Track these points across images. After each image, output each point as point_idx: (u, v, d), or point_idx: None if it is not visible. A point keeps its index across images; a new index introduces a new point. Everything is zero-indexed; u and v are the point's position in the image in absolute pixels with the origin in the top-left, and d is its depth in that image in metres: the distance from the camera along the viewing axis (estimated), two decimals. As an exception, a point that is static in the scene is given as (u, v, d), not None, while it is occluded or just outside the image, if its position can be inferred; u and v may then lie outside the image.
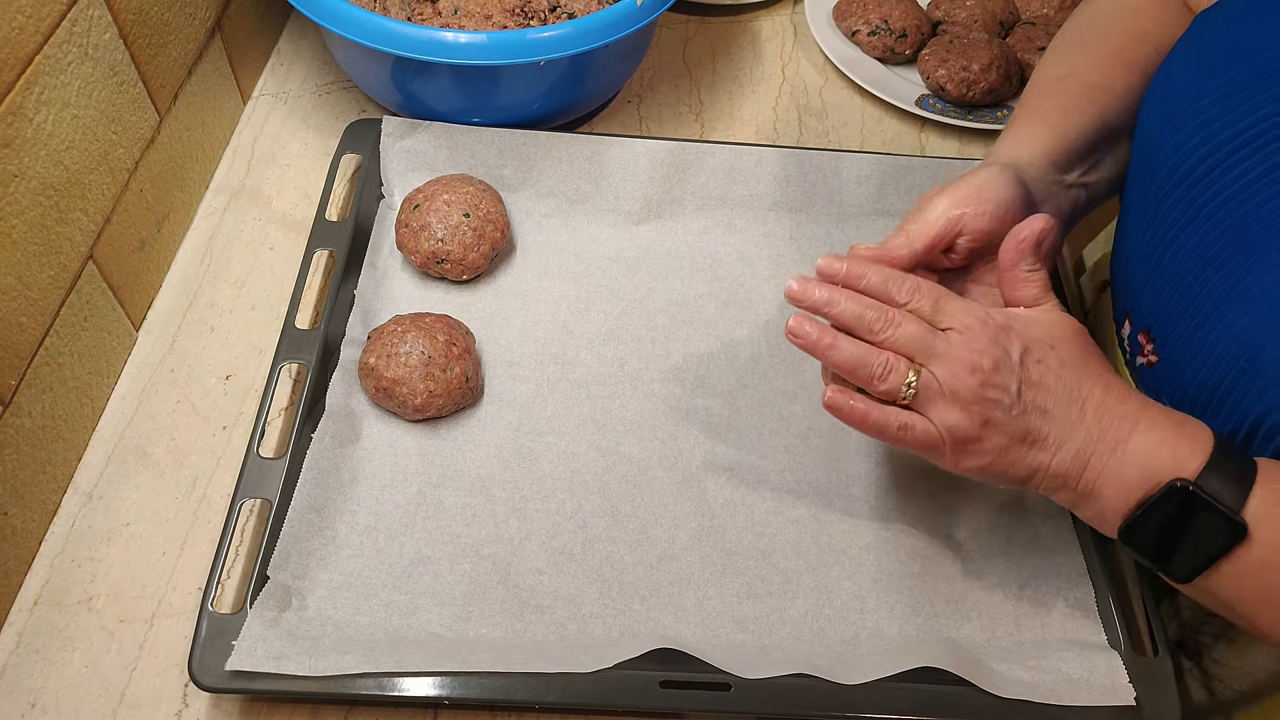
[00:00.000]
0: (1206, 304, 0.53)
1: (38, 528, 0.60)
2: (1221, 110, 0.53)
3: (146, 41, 0.67)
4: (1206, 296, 0.53)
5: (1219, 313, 0.53)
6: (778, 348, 0.71)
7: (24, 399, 0.57)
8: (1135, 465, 0.49)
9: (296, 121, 0.83)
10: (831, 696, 0.54)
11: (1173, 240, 0.56)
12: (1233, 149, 0.53)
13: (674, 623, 0.58)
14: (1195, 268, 0.55)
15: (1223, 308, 0.52)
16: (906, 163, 0.77)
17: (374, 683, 0.53)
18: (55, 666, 0.56)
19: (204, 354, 0.69)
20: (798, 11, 0.96)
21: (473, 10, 0.79)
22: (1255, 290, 0.50)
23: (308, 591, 0.57)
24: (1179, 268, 0.56)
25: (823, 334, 0.52)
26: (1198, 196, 0.54)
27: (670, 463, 0.65)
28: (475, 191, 0.72)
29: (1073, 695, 0.54)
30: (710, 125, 0.86)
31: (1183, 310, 0.56)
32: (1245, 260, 0.51)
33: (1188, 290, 0.55)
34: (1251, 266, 0.51)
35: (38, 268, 0.57)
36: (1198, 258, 0.54)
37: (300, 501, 0.59)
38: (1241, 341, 0.51)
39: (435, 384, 0.63)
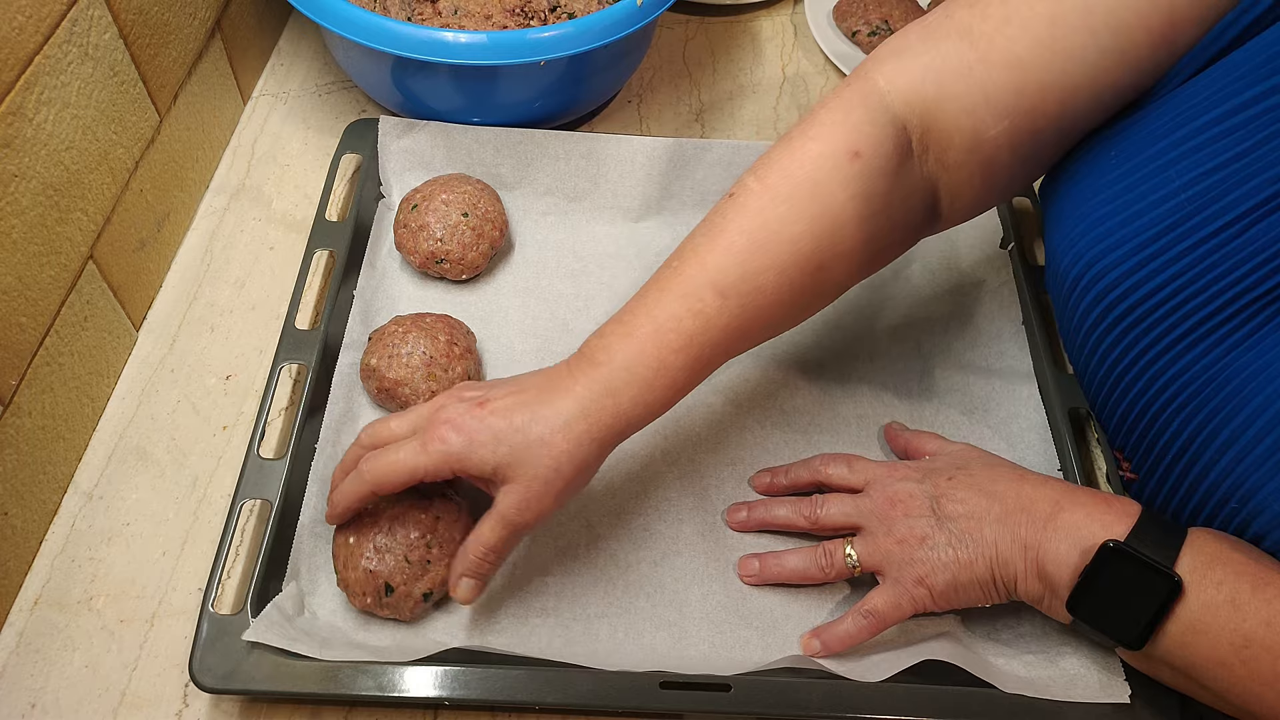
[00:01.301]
0: (1179, 444, 0.54)
1: (38, 528, 0.60)
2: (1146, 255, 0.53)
3: (146, 41, 0.67)
4: (1177, 438, 0.54)
5: (1197, 453, 0.53)
6: (777, 343, 0.71)
7: (24, 399, 0.57)
8: (1068, 539, 0.51)
9: (296, 121, 0.83)
10: (832, 696, 0.53)
11: (1125, 382, 0.57)
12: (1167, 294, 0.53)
13: (679, 619, 0.58)
14: (1155, 409, 0.55)
15: (1200, 450, 0.53)
16: None
17: (374, 683, 0.53)
18: (55, 666, 0.56)
19: (204, 354, 0.69)
20: (798, 11, 0.96)
21: (473, 10, 0.79)
22: (1235, 433, 0.50)
23: (318, 606, 0.57)
24: (1137, 406, 0.57)
25: (765, 567, 0.59)
26: (1139, 342, 0.55)
27: (672, 459, 0.65)
28: (473, 191, 0.72)
29: (1069, 691, 0.54)
30: (710, 125, 0.86)
31: (1154, 446, 0.56)
32: (1213, 403, 0.52)
33: (1154, 428, 0.56)
34: (1226, 409, 0.51)
35: (38, 268, 0.57)
36: (1157, 403, 0.55)
37: (307, 516, 0.59)
38: (1229, 484, 0.51)
39: (437, 384, 0.63)
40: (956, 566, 0.54)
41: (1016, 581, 0.53)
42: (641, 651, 0.57)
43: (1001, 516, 0.53)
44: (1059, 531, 0.52)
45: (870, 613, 0.55)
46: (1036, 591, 0.53)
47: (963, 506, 0.55)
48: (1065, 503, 0.53)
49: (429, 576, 0.55)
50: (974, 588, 0.54)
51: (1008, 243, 0.76)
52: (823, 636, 0.56)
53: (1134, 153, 0.54)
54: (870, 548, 0.56)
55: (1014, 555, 0.53)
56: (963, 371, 0.70)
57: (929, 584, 0.54)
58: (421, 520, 0.56)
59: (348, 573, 0.55)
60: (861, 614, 0.55)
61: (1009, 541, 0.53)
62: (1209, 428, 0.52)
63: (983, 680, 0.54)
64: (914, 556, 0.54)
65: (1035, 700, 0.53)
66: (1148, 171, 0.53)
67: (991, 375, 0.69)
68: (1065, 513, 0.52)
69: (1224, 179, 0.50)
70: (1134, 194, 0.54)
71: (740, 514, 0.62)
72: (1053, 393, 0.67)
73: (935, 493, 0.56)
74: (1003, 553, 0.53)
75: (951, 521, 0.54)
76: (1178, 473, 0.55)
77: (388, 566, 0.55)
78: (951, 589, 0.54)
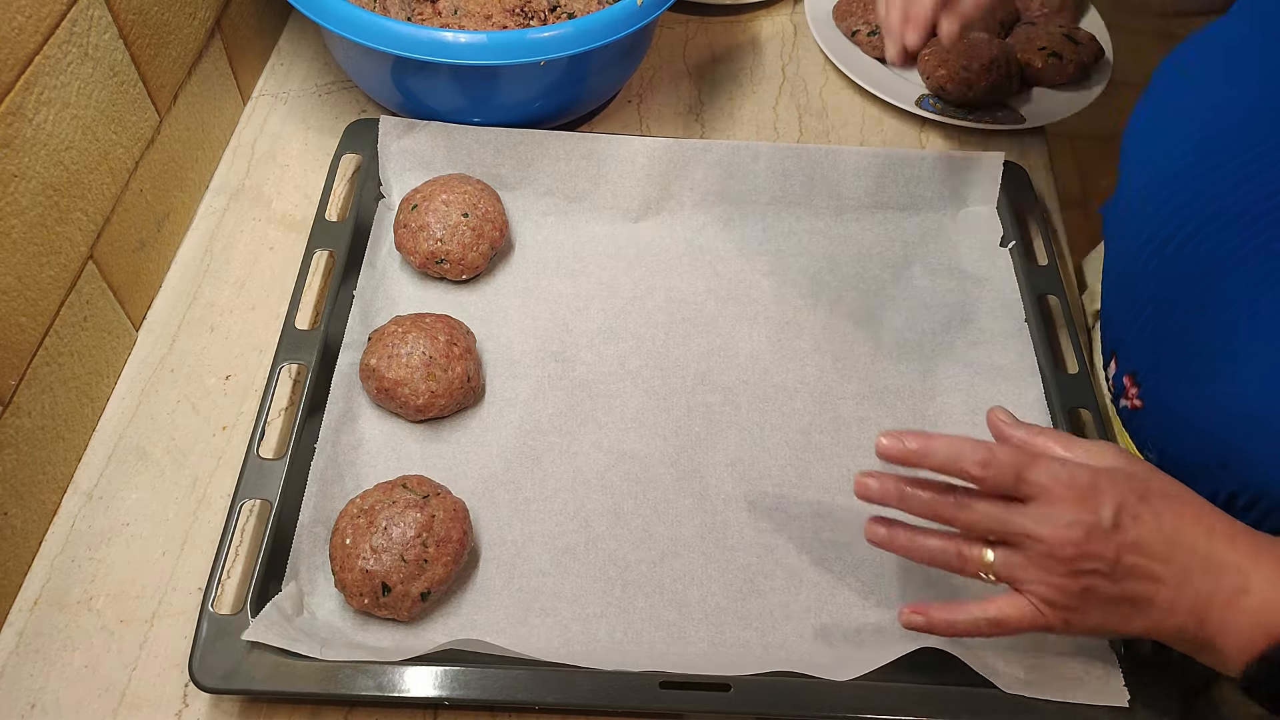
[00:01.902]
0: (1199, 365, 0.53)
1: (38, 528, 0.60)
2: (1197, 176, 0.53)
3: (146, 41, 0.67)
4: (1199, 357, 0.53)
5: (1214, 376, 0.52)
6: (778, 343, 0.71)
7: (24, 399, 0.57)
8: (1254, 624, 0.47)
9: (296, 121, 0.83)
10: (831, 697, 0.53)
11: (1160, 304, 0.56)
12: (1210, 216, 0.52)
13: (678, 620, 0.58)
14: (1186, 331, 0.54)
15: (1219, 373, 0.51)
16: (904, 155, 0.77)
17: (373, 682, 0.53)
18: (55, 666, 0.56)
19: (204, 354, 0.69)
20: (798, 11, 0.96)
21: (473, 10, 0.79)
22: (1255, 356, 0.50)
23: (317, 606, 0.57)
24: (1169, 328, 0.55)
25: (894, 538, 0.52)
26: (1182, 264, 0.54)
27: (672, 460, 0.65)
28: (473, 191, 0.72)
29: (1069, 694, 0.54)
30: (710, 125, 0.86)
31: (1174, 366, 0.55)
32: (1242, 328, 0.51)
33: (1179, 349, 0.54)
34: (1252, 334, 0.50)
35: (38, 268, 0.57)
36: (1187, 323, 0.54)
37: (306, 515, 0.59)
38: (1234, 407, 0.50)
39: (437, 384, 0.63)
40: (1112, 619, 0.49)
41: (1174, 641, 0.50)
42: (641, 651, 0.57)
43: (1182, 579, 0.48)
44: (1244, 614, 0.47)
45: (997, 622, 0.50)
46: (1193, 651, 0.50)
47: (1144, 562, 0.48)
48: (1254, 574, 0.47)
49: (426, 576, 0.55)
50: (1117, 632, 0.51)
51: (1008, 241, 0.76)
52: (931, 617, 0.52)
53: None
54: (1017, 571, 0.50)
55: (1185, 623, 0.48)
56: (966, 370, 0.70)
57: (1073, 623, 0.50)
58: (418, 520, 0.56)
59: (345, 573, 0.55)
60: (986, 620, 0.51)
61: (1185, 611, 0.48)
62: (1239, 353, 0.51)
63: (982, 680, 0.54)
64: (1069, 602, 0.49)
65: (1035, 701, 0.53)
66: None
67: (995, 374, 0.69)
68: (1253, 592, 0.47)
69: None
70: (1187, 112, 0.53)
71: (869, 485, 0.52)
72: (1053, 393, 0.67)
73: (1118, 540, 0.48)
74: (1174, 620, 0.48)
75: (1127, 579, 0.48)
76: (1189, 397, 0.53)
77: (384, 566, 0.55)
78: (1092, 631, 0.50)
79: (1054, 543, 0.48)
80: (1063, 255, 0.78)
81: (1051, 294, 0.72)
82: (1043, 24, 0.91)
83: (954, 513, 0.50)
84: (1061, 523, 0.48)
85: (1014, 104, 0.87)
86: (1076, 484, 0.48)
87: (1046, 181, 0.82)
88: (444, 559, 0.56)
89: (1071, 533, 0.48)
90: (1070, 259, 0.79)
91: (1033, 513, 0.49)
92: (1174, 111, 0.56)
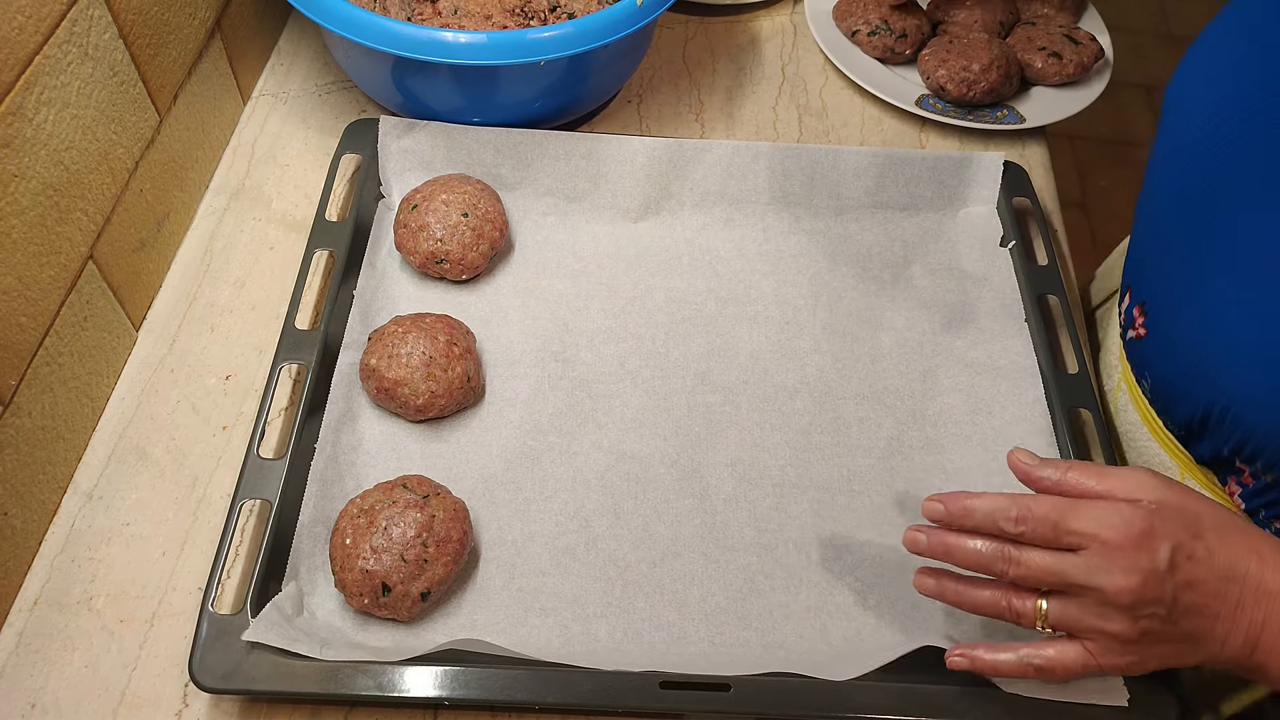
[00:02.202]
0: (1198, 276, 0.53)
1: (38, 528, 0.60)
2: (1234, 83, 0.53)
3: (146, 41, 0.67)
4: (1199, 267, 0.53)
5: (1207, 283, 0.53)
6: (778, 344, 0.71)
7: (24, 399, 0.57)
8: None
9: (296, 121, 0.83)
10: (831, 696, 0.53)
11: (1178, 208, 0.57)
12: (1240, 121, 0.53)
13: (678, 620, 0.58)
14: (1194, 237, 0.55)
15: (1214, 283, 0.52)
16: (904, 155, 0.77)
17: (373, 682, 0.53)
18: (55, 666, 0.56)
19: (204, 354, 0.69)
20: (798, 11, 0.96)
21: (473, 10, 0.79)
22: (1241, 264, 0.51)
23: (317, 607, 0.57)
24: (1178, 239, 0.56)
25: (944, 590, 0.52)
26: (1204, 163, 0.54)
27: (671, 460, 0.65)
28: (473, 191, 0.72)
29: (1066, 693, 0.54)
30: (710, 125, 0.86)
31: (1175, 281, 0.56)
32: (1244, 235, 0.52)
33: (1182, 262, 0.55)
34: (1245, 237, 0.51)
35: (38, 268, 0.57)
36: (1198, 228, 0.55)
37: (306, 515, 0.59)
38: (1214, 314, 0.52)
39: (437, 384, 0.63)
40: (1170, 658, 0.49)
41: (1227, 666, 0.49)
42: (641, 651, 0.57)
43: (1236, 610, 0.48)
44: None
45: (1045, 669, 0.50)
46: (1242, 673, 0.50)
47: (1201, 601, 0.47)
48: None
49: (426, 575, 0.55)
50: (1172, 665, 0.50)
51: (1008, 241, 0.76)
52: (974, 659, 0.52)
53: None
54: (1074, 621, 0.49)
55: (1238, 652, 0.48)
56: (966, 370, 0.70)
57: (1130, 667, 0.50)
58: (418, 519, 0.56)
59: (345, 574, 0.55)
60: (1034, 665, 0.50)
61: (1239, 641, 0.48)
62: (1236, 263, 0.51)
63: (982, 680, 0.54)
64: (1127, 648, 0.49)
65: (1034, 700, 0.53)
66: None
67: (995, 374, 0.69)
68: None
69: None
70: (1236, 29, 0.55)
71: (919, 540, 0.52)
72: (1053, 393, 0.67)
73: (1175, 581, 0.47)
74: (1228, 651, 0.48)
75: (1184, 619, 0.48)
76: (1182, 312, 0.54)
77: (384, 566, 0.55)
78: (1151, 669, 0.50)
79: (1111, 592, 0.47)
80: (1063, 255, 0.78)
81: (1051, 294, 0.72)
82: (1043, 24, 0.91)
83: (1004, 568, 0.50)
84: (1118, 571, 0.47)
85: (1014, 104, 0.87)
86: (1131, 530, 0.47)
87: (1046, 181, 0.82)
88: (444, 559, 0.56)
89: (1129, 580, 0.47)
90: (1070, 259, 0.79)
91: (1086, 563, 0.48)
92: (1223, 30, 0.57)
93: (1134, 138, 2.01)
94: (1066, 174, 1.99)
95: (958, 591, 0.52)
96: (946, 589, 0.52)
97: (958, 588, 0.52)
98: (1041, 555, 0.49)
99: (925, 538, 0.52)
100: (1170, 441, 0.61)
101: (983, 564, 0.50)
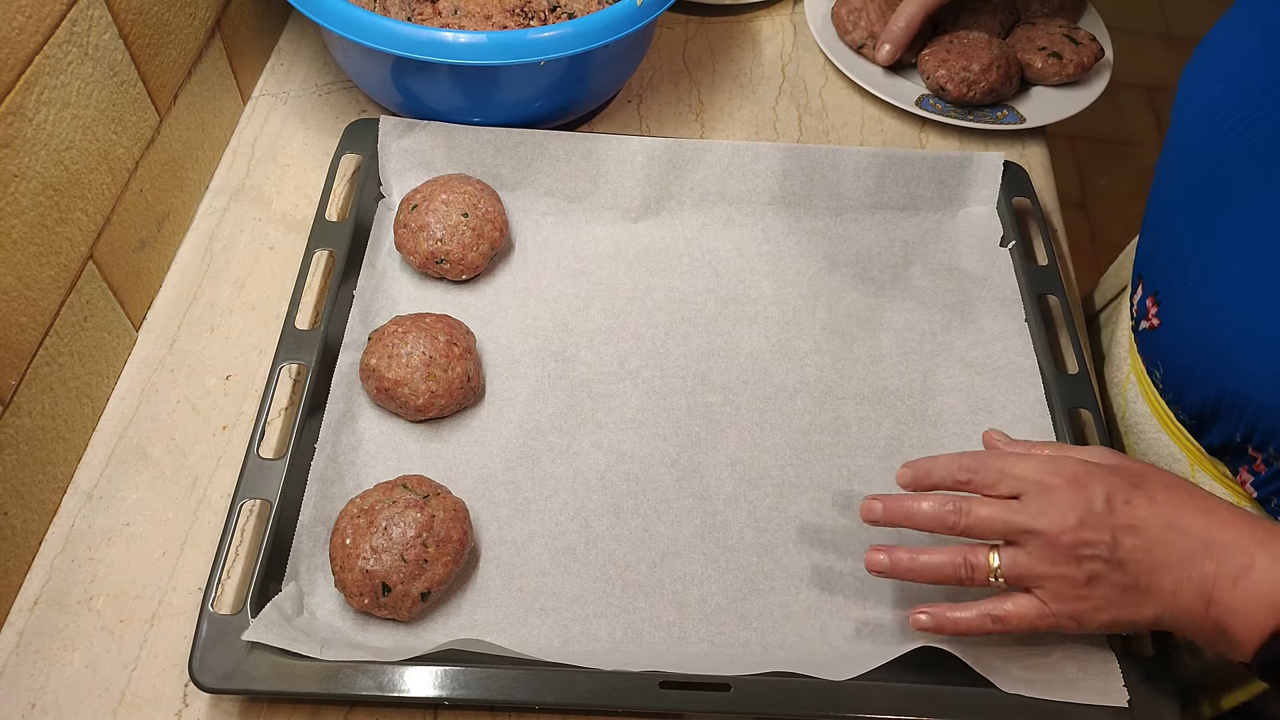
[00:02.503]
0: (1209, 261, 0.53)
1: (38, 528, 0.60)
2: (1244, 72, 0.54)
3: (146, 41, 0.67)
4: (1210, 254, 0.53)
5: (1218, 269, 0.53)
6: (778, 343, 0.71)
7: (24, 399, 0.57)
8: (1261, 602, 0.47)
9: (296, 121, 0.83)
10: (831, 696, 0.53)
11: (1188, 199, 0.57)
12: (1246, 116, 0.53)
13: (678, 619, 0.58)
14: (1204, 226, 0.55)
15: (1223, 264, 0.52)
16: (904, 155, 0.77)
17: (373, 682, 0.53)
18: (55, 666, 0.56)
19: (204, 354, 0.69)
20: (798, 11, 0.96)
21: (473, 10, 0.79)
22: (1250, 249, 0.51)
23: (317, 607, 0.57)
24: (1190, 226, 0.56)
25: (896, 563, 0.54)
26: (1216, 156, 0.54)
27: (671, 460, 0.65)
28: (473, 191, 0.72)
29: (1067, 693, 0.54)
30: (710, 125, 0.86)
31: (1188, 269, 0.56)
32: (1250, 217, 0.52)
33: (1195, 249, 0.55)
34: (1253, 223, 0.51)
35: (38, 268, 0.57)
36: (1208, 217, 0.55)
37: (306, 516, 0.59)
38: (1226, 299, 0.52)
39: (437, 384, 0.63)
40: (1123, 610, 0.50)
41: (1187, 629, 0.50)
42: (641, 651, 0.57)
43: (1184, 560, 0.48)
44: (1250, 592, 0.47)
45: (1002, 619, 0.52)
46: (1207, 639, 0.50)
47: (1142, 543, 0.49)
48: (1258, 553, 0.48)
49: (426, 575, 0.55)
50: (1129, 625, 0.51)
51: (1008, 241, 0.76)
52: (938, 616, 0.53)
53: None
54: (1023, 569, 0.51)
55: (1193, 608, 0.48)
56: (966, 370, 0.70)
57: (1083, 619, 0.50)
58: (418, 519, 0.56)
59: (345, 574, 0.55)
60: (991, 616, 0.52)
61: (1191, 594, 0.48)
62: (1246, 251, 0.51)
63: (982, 680, 0.54)
64: (1077, 594, 0.50)
65: (1035, 700, 0.53)
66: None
67: (995, 374, 0.69)
68: (1258, 569, 0.47)
69: None
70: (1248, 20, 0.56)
71: (875, 507, 0.55)
72: (1053, 393, 0.67)
73: (1115, 522, 0.49)
74: (1181, 603, 0.49)
75: (1130, 564, 0.49)
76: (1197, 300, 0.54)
77: (384, 566, 0.55)
78: (1106, 626, 0.51)
79: (1051, 533, 0.49)
80: (1063, 255, 0.78)
81: (1051, 294, 0.72)
82: (1043, 24, 0.91)
83: (955, 519, 0.52)
84: (1056, 512, 0.49)
85: (1014, 104, 0.87)
86: (1064, 473, 0.50)
87: (1046, 181, 0.82)
88: (444, 559, 0.56)
89: (1067, 519, 0.49)
90: (1070, 259, 0.79)
91: (1028, 508, 0.51)
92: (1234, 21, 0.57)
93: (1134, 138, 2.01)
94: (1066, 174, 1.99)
95: (910, 559, 0.53)
96: (898, 560, 0.54)
97: (910, 556, 0.54)
98: (988, 504, 0.52)
99: (881, 504, 0.55)
100: (1180, 432, 0.61)
101: (936, 517, 0.53)
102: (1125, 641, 0.56)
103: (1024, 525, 0.50)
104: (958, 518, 0.52)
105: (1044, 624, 0.51)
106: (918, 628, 0.54)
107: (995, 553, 0.52)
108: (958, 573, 0.52)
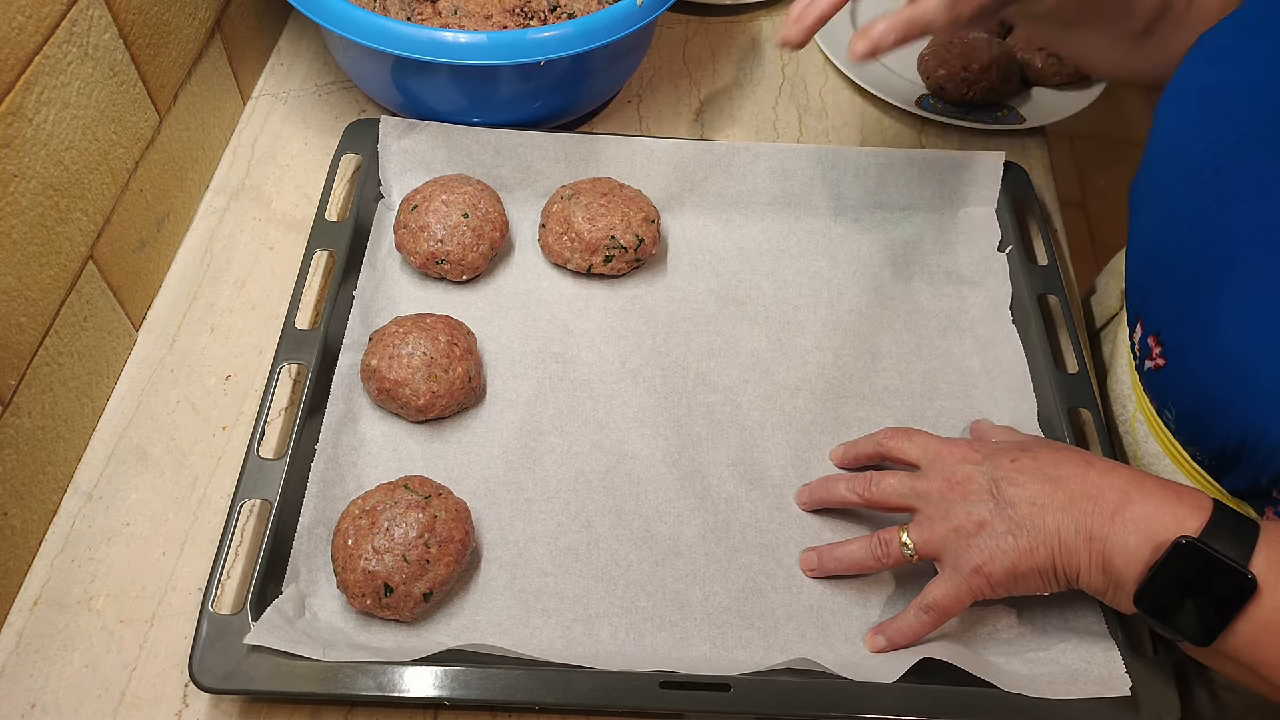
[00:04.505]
0: (1214, 307, 0.53)
1: (38, 528, 0.60)
2: (1230, 113, 0.53)
3: (146, 41, 0.67)
4: (1214, 299, 0.53)
5: (1226, 316, 0.52)
6: (778, 343, 0.71)
7: (24, 399, 0.57)
8: (1137, 532, 0.50)
9: (296, 121, 0.83)
10: (832, 696, 0.53)
11: (1181, 243, 0.56)
12: (1239, 151, 0.52)
13: (680, 620, 0.58)
14: (1203, 270, 0.54)
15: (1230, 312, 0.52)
16: (904, 155, 0.77)
17: (374, 683, 0.53)
18: (55, 666, 0.56)
19: (204, 354, 0.69)
20: (797, 11, 0.96)
21: (473, 10, 0.79)
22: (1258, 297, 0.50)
23: (319, 608, 0.57)
24: (1187, 270, 0.55)
25: (823, 560, 0.60)
26: (1204, 198, 0.54)
27: (673, 459, 0.65)
28: (473, 191, 0.72)
29: (1069, 687, 0.54)
30: (710, 125, 0.86)
31: (1191, 312, 0.55)
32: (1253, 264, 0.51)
33: (1195, 293, 0.55)
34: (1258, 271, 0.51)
35: (38, 268, 0.57)
36: (1205, 261, 0.54)
37: (307, 517, 0.59)
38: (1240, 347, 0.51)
39: (438, 384, 0.63)
40: (1016, 554, 0.52)
41: (1079, 573, 0.52)
42: (642, 652, 0.57)
43: (1065, 504, 0.52)
44: (1128, 524, 0.50)
45: (930, 606, 0.55)
46: (1100, 584, 0.52)
47: (1024, 491, 0.53)
48: (1134, 493, 0.51)
49: (428, 576, 0.55)
50: (1033, 576, 0.53)
51: (1008, 241, 0.76)
52: (886, 632, 0.56)
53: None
54: (927, 534, 0.55)
55: (1078, 546, 0.51)
56: (964, 374, 0.70)
57: (986, 571, 0.53)
58: (420, 520, 0.56)
59: (347, 574, 0.55)
60: (922, 609, 0.55)
61: (1073, 531, 0.51)
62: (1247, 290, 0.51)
63: (982, 680, 0.54)
64: (971, 544, 0.53)
65: (1035, 699, 0.53)
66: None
67: (994, 377, 0.69)
68: (1135, 505, 0.50)
69: None
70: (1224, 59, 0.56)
71: (804, 494, 0.63)
72: (1054, 393, 0.67)
73: (996, 474, 0.54)
74: (1066, 542, 0.51)
75: (1012, 507, 0.53)
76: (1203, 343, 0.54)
77: (386, 567, 0.55)
78: (1010, 577, 0.53)
79: (939, 487, 0.55)
80: (1063, 255, 0.78)
81: (1051, 294, 0.72)
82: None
83: (866, 486, 0.59)
84: (946, 468, 0.56)
85: (1014, 104, 0.87)
86: (960, 441, 0.58)
87: (1046, 181, 0.82)
88: (446, 559, 0.56)
89: (955, 473, 0.55)
90: (1070, 259, 0.79)
91: (925, 472, 0.57)
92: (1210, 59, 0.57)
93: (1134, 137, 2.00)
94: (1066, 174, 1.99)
95: (832, 550, 0.59)
96: (824, 556, 0.59)
97: (832, 550, 0.59)
98: (895, 474, 0.58)
99: (807, 489, 0.63)
100: (1199, 474, 0.59)
101: (850, 489, 0.59)
102: (1127, 633, 0.56)
103: (921, 488, 0.56)
104: (867, 485, 0.59)
105: (964, 594, 0.54)
106: (875, 650, 0.57)
107: (905, 531, 0.56)
108: (874, 552, 0.57)
